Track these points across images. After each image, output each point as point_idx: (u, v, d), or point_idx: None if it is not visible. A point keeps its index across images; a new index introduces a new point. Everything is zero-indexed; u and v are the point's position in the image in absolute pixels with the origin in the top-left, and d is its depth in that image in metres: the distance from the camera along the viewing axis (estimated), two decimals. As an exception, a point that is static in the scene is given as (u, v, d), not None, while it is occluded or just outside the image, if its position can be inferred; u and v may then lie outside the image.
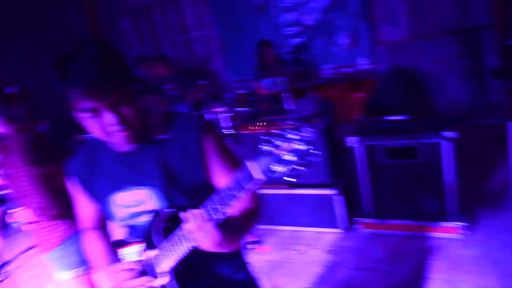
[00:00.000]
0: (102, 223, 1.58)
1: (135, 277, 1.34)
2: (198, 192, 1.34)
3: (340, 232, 3.51)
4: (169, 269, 1.30)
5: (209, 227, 1.14)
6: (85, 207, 1.54)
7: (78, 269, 2.37)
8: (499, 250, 2.90)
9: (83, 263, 2.33)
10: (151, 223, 1.33)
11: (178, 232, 1.24)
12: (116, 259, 1.46)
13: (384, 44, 5.35)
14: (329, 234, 3.55)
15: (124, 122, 1.21)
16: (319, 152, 0.98)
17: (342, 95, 5.50)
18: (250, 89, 4.70)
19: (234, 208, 1.16)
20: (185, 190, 1.33)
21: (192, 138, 1.33)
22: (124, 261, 1.39)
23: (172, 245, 1.27)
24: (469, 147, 3.29)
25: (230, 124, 4.39)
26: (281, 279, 3.08)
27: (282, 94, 4.20)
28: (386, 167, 3.21)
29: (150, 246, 1.34)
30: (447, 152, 2.95)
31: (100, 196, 1.45)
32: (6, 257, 4.33)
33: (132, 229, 1.43)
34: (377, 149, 3.19)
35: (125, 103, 1.21)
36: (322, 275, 3.11)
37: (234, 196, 1.11)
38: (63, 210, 2.26)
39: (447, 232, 3.13)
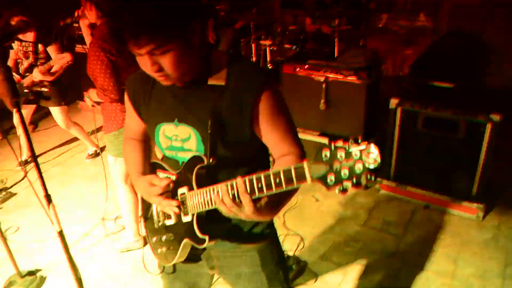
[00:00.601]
0: (146, 138, 1.63)
1: (165, 196, 1.39)
2: (242, 147, 1.35)
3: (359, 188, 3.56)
4: (192, 212, 1.35)
5: (246, 200, 1.14)
6: (132, 120, 1.57)
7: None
8: (510, 240, 2.91)
9: None
10: (188, 164, 1.36)
11: (212, 188, 1.24)
12: (146, 165, 1.54)
13: (450, 3, 4.99)
14: (348, 187, 3.61)
15: (168, 70, 1.19)
16: (373, 180, 0.96)
17: (395, 47, 5.27)
18: (301, 26, 4.55)
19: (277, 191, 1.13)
20: (229, 142, 1.33)
21: (248, 95, 1.27)
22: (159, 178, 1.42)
23: (202, 195, 1.29)
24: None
25: (274, 58, 4.33)
26: (292, 221, 3.21)
27: (334, 37, 4.06)
28: (423, 135, 3.16)
29: (181, 184, 1.39)
30: (491, 134, 2.88)
31: (148, 118, 1.46)
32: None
33: (170, 160, 1.47)
34: (417, 116, 3.13)
35: (169, 50, 1.16)
36: (331, 225, 3.22)
37: (280, 184, 1.09)
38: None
39: (465, 211, 3.14)
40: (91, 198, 3.76)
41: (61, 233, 2.05)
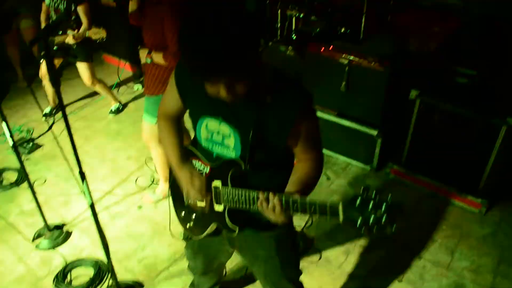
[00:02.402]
0: (180, 116, 1.77)
1: (201, 194, 1.60)
2: (275, 154, 1.53)
3: (369, 170, 3.71)
4: (224, 204, 1.57)
5: (281, 214, 1.36)
6: (172, 100, 1.66)
7: None
8: (508, 237, 3.07)
9: None
10: (225, 163, 1.53)
11: (249, 192, 1.44)
12: (186, 158, 1.69)
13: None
14: (359, 168, 3.75)
15: (234, 95, 1.29)
16: (393, 230, 1.21)
17: (422, 23, 5.16)
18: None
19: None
20: (265, 150, 1.49)
21: (289, 116, 1.41)
22: (198, 175, 1.61)
23: (237, 195, 1.49)
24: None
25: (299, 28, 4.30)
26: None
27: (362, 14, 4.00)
28: (438, 128, 3.23)
29: (215, 177, 1.58)
30: (505, 137, 2.94)
31: (194, 107, 1.59)
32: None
33: (204, 149, 1.62)
34: (435, 109, 3.18)
35: (241, 80, 1.26)
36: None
37: (315, 213, 1.30)
38: None
39: (468, 205, 3.28)
40: (113, 156, 3.96)
41: (92, 206, 2.23)
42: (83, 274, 2.81)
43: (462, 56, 3.82)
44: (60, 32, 3.69)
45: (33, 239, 3.07)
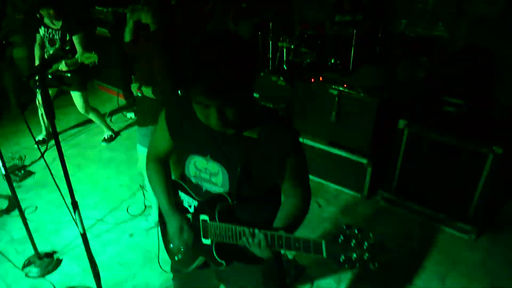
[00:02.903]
0: (168, 157, 1.80)
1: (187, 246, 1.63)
2: (262, 190, 1.56)
3: (360, 198, 3.74)
4: (212, 238, 1.58)
5: (266, 249, 1.39)
6: (162, 140, 1.70)
7: None
8: (498, 264, 3.10)
9: None
10: (212, 198, 1.55)
11: (235, 227, 1.46)
12: (173, 195, 1.71)
13: (469, 17, 5.01)
14: (350, 196, 3.79)
15: (227, 121, 1.33)
16: (376, 266, 1.24)
17: (410, 53, 5.32)
18: (318, 31, 4.60)
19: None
20: (253, 186, 1.51)
21: (277, 154, 1.44)
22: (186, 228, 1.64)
23: (225, 230, 1.50)
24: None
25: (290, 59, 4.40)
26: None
27: (351, 46, 4.12)
28: (427, 156, 3.30)
29: (203, 211, 1.59)
30: (492, 166, 3.01)
31: (182, 146, 1.61)
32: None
33: (193, 184, 1.64)
34: (423, 138, 3.26)
35: (235, 105, 1.30)
36: (330, 231, 3.40)
37: (299, 249, 1.32)
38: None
39: (459, 231, 3.32)
40: (104, 184, 3.96)
41: (84, 235, 2.23)
42: (72, 303, 2.78)
43: (449, 86, 3.94)
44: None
45: (23, 267, 3.03)
